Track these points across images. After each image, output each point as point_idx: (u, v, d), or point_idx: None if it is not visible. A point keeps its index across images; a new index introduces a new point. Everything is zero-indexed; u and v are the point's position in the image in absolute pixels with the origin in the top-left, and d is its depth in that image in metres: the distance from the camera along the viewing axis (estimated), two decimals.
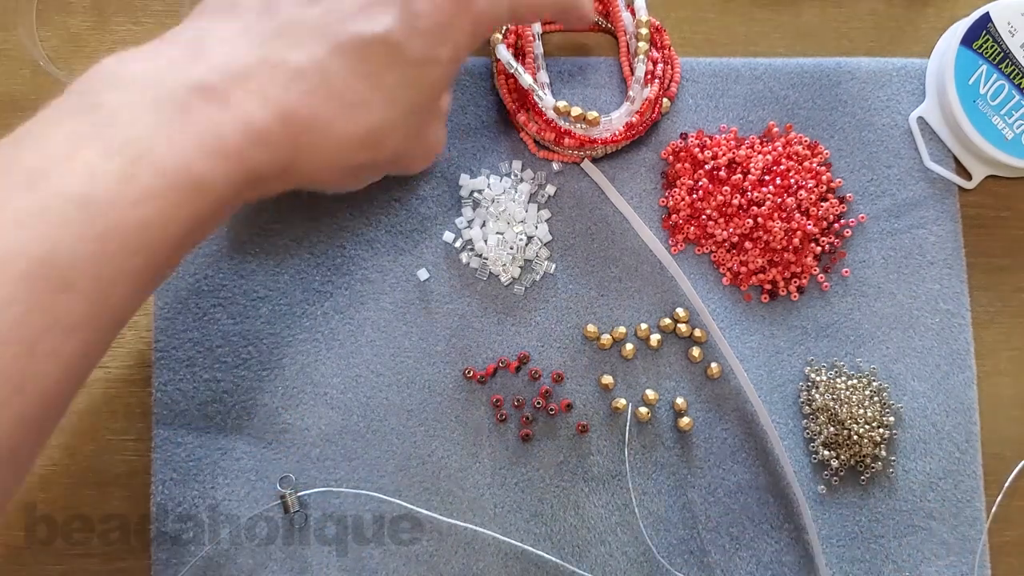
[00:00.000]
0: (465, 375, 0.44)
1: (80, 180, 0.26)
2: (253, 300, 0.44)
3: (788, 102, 0.47)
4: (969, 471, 0.45)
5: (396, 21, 0.32)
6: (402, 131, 0.35)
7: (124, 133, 0.28)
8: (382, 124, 0.33)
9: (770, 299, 0.46)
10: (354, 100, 0.32)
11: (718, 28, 0.49)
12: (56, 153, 0.27)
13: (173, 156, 0.28)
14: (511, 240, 0.45)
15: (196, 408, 0.43)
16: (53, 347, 0.26)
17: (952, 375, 0.45)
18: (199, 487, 0.43)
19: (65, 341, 0.26)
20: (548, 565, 0.43)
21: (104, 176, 0.27)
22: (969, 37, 0.46)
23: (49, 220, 0.26)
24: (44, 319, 0.26)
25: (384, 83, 0.33)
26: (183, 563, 0.42)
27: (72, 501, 0.44)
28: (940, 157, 0.47)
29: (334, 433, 0.44)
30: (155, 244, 0.28)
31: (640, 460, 0.44)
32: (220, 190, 0.29)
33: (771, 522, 0.44)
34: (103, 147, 0.27)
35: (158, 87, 0.29)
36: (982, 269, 0.47)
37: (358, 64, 0.32)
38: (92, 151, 0.27)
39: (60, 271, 0.26)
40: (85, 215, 0.26)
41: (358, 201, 0.45)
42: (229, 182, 0.30)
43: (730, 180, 0.45)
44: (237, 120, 0.30)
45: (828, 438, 0.44)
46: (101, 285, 0.27)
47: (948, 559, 0.44)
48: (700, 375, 0.45)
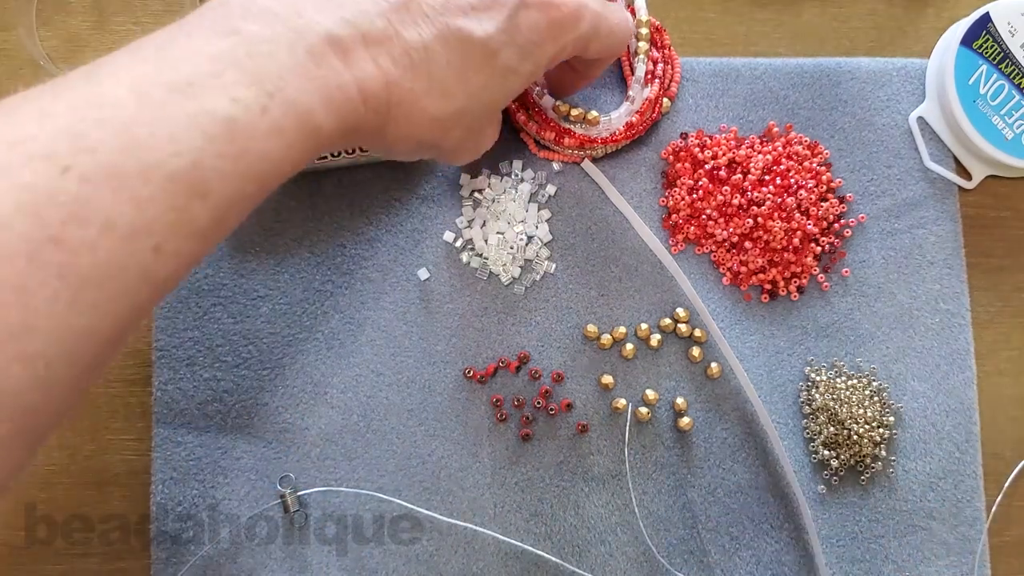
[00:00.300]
0: (465, 375, 0.44)
1: (226, 102, 0.28)
2: (253, 299, 0.44)
3: (788, 102, 0.47)
4: (969, 471, 0.45)
5: (498, 29, 0.35)
6: (468, 125, 0.37)
7: (262, 66, 0.29)
8: (458, 114, 0.36)
9: (770, 299, 0.46)
10: (443, 87, 0.35)
11: (718, 28, 0.49)
12: (205, 70, 0.29)
13: (302, 99, 0.30)
14: (511, 240, 0.45)
15: (196, 407, 0.43)
16: (176, 248, 0.28)
17: (952, 375, 0.45)
18: (199, 487, 0.43)
19: (184, 245, 0.29)
20: (548, 565, 0.43)
21: (244, 102, 0.29)
22: (969, 37, 0.46)
23: (198, 133, 0.28)
24: (175, 221, 0.28)
25: (470, 79, 0.35)
26: (183, 563, 0.42)
27: (72, 501, 0.44)
28: (940, 157, 0.47)
29: (334, 433, 0.44)
30: (266, 176, 0.30)
31: (640, 460, 0.44)
32: (325, 137, 0.32)
33: (771, 522, 0.44)
34: (243, 75, 0.29)
35: (294, 28, 0.31)
36: (982, 269, 0.47)
37: (455, 57, 0.34)
38: (235, 75, 0.29)
39: (199, 181, 0.28)
40: (228, 135, 0.28)
41: (358, 200, 0.45)
42: (335, 132, 0.32)
43: (730, 180, 0.45)
44: (355, 79, 0.32)
45: (828, 438, 0.44)
46: (224, 201, 0.29)
47: (948, 559, 0.44)
48: (700, 375, 0.45)
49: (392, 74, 0.33)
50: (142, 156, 0.27)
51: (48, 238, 0.25)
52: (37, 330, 0.25)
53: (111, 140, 0.27)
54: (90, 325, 0.27)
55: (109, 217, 0.26)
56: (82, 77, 0.28)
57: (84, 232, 0.26)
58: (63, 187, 0.26)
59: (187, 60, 0.29)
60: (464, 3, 0.34)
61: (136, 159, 0.27)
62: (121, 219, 0.26)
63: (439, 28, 0.34)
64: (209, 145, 0.28)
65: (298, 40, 0.30)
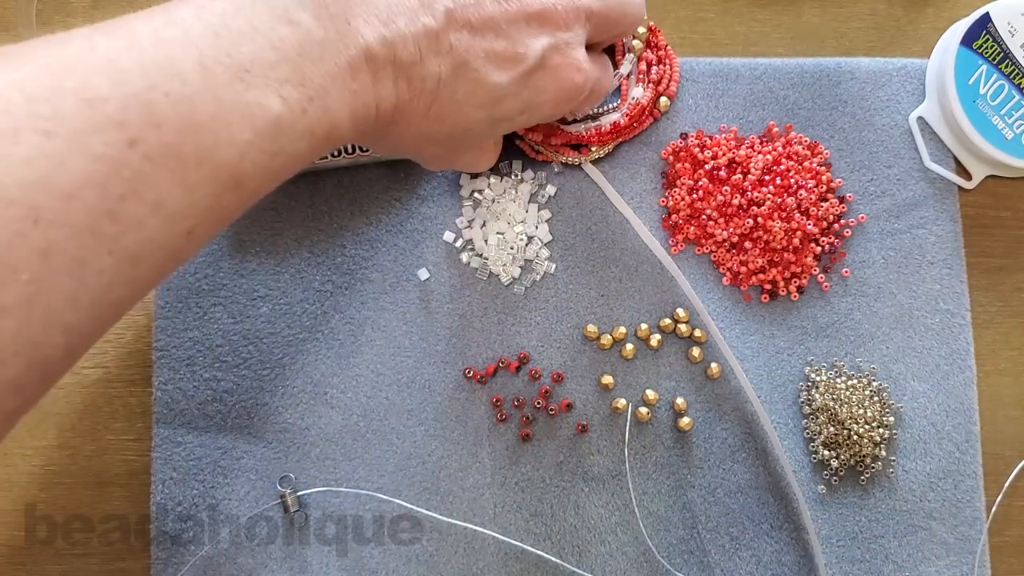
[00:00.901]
0: (465, 375, 0.44)
1: (277, 100, 0.29)
2: (253, 299, 0.44)
3: (788, 102, 0.47)
4: (969, 471, 0.45)
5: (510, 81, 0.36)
6: (448, 146, 0.39)
7: (311, 68, 0.30)
8: (444, 137, 0.37)
9: (770, 299, 0.46)
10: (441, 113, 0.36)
11: (718, 28, 0.49)
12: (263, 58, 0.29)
13: (335, 108, 0.31)
14: (511, 240, 0.45)
15: (196, 407, 0.43)
16: (204, 232, 0.29)
17: (952, 375, 0.45)
18: (199, 487, 0.43)
19: (211, 230, 0.29)
20: (548, 565, 0.43)
21: (290, 102, 0.29)
22: (969, 37, 0.46)
23: (249, 125, 0.28)
24: (210, 207, 0.28)
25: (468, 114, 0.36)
26: (183, 563, 0.42)
27: (72, 501, 0.44)
28: (940, 157, 0.47)
29: (334, 433, 0.44)
30: (288, 173, 0.31)
31: (640, 460, 0.44)
32: (337, 141, 0.32)
33: (771, 522, 0.44)
34: (294, 73, 0.29)
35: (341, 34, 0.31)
36: (982, 269, 0.47)
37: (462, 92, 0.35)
38: (287, 72, 0.29)
39: (241, 173, 0.29)
40: (273, 132, 0.29)
41: (358, 200, 0.45)
42: (346, 138, 0.33)
43: (730, 180, 0.45)
44: (376, 98, 0.33)
45: (828, 438, 0.44)
46: (251, 194, 0.30)
47: (948, 559, 0.44)
48: (700, 375, 0.45)
49: (404, 97, 0.34)
50: (200, 140, 0.27)
51: (107, 212, 0.25)
52: (80, 303, 0.26)
53: (175, 118, 0.27)
54: (120, 299, 0.27)
55: (160, 197, 0.26)
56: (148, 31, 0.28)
57: (138, 208, 0.26)
58: (128, 161, 0.26)
59: (249, 40, 0.29)
60: (490, 48, 0.35)
61: (195, 143, 0.27)
62: (170, 200, 0.27)
63: (458, 64, 0.35)
64: (256, 139, 0.28)
65: (343, 50, 0.31)
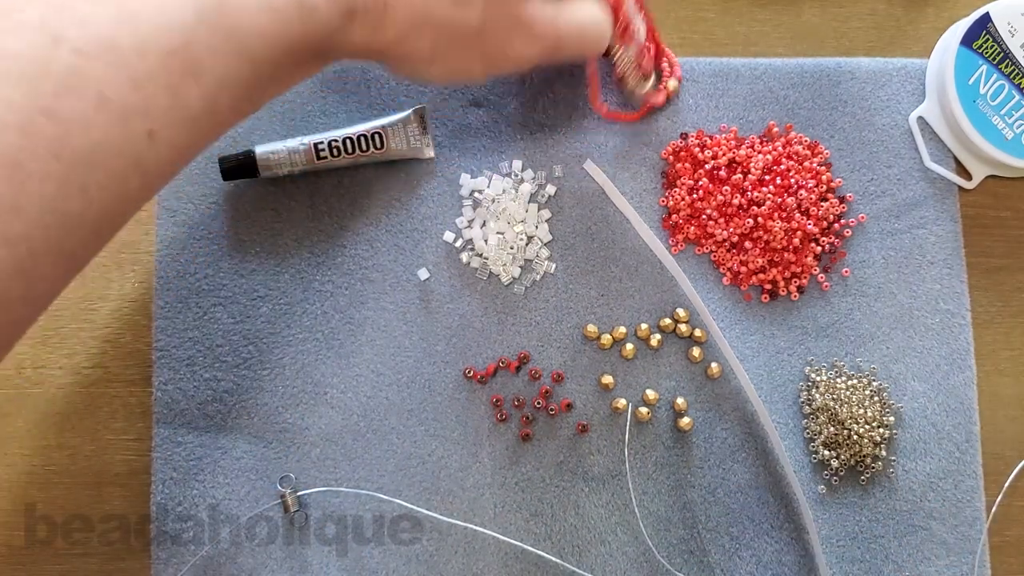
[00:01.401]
0: (465, 375, 0.44)
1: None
2: (253, 299, 0.44)
3: (788, 102, 0.47)
4: (969, 471, 0.45)
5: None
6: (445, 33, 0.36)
7: None
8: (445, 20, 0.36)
9: (770, 299, 0.46)
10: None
11: (718, 28, 0.49)
12: None
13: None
14: (511, 240, 0.45)
15: (196, 407, 0.43)
16: (170, 137, 0.28)
17: (952, 375, 0.45)
18: (199, 487, 0.43)
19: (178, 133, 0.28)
20: (548, 565, 0.43)
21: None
22: (969, 37, 0.46)
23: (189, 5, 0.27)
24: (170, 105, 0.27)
25: None
26: (183, 563, 0.42)
27: (72, 501, 0.44)
28: (940, 157, 0.47)
29: (334, 433, 0.44)
30: (262, 56, 0.30)
31: (640, 460, 0.44)
32: (322, 21, 0.31)
33: (771, 522, 0.44)
34: None
35: None
36: (982, 269, 0.47)
37: None
38: None
39: (192, 58, 0.27)
40: (219, 10, 0.28)
41: (358, 200, 0.45)
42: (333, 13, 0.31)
43: (730, 180, 0.45)
44: None
45: (828, 438, 0.44)
46: (215, 82, 0.28)
47: (948, 559, 0.44)
48: (700, 375, 0.45)
49: None
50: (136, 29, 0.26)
51: (40, 109, 0.24)
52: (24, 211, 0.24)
53: (102, 12, 0.26)
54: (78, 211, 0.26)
55: (103, 92, 0.25)
56: None
57: (78, 104, 0.25)
58: (55, 57, 0.25)
59: None
60: None
61: (130, 33, 0.26)
62: (116, 95, 0.26)
63: None
64: (200, 20, 0.27)
65: None
